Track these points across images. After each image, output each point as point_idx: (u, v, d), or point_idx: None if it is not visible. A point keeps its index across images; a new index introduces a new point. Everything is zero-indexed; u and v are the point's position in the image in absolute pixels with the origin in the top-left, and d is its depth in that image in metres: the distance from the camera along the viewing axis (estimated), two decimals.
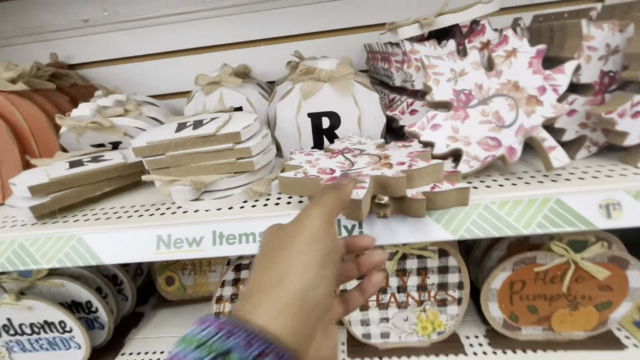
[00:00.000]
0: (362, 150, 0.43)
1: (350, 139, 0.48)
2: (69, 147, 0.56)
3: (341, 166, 0.40)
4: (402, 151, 0.41)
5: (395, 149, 0.42)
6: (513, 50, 0.42)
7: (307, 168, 0.39)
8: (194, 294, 0.73)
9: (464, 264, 0.50)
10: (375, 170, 0.36)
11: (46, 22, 0.75)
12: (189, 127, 0.45)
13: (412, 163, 0.36)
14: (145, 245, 0.41)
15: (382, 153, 0.41)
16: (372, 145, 0.45)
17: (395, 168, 0.36)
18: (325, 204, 0.25)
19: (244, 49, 0.78)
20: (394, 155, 0.40)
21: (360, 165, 0.39)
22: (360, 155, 0.42)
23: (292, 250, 0.22)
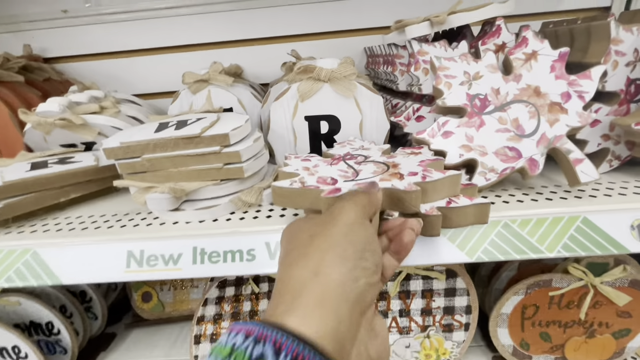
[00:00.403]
0: (366, 156, 0.39)
1: (351, 143, 0.44)
2: (35, 147, 0.50)
3: (344, 175, 0.35)
4: (411, 159, 0.36)
5: (403, 157, 0.37)
6: (533, 53, 0.38)
7: (304, 176, 0.34)
8: (174, 313, 0.67)
9: (472, 286, 0.46)
10: (384, 181, 0.31)
11: (21, 11, 0.69)
12: (171, 127, 0.40)
13: (426, 174, 0.32)
14: (114, 262, 0.35)
15: (390, 161, 0.36)
16: (377, 151, 0.40)
17: (407, 179, 0.31)
18: (357, 202, 0.23)
19: (236, 48, 0.73)
20: (403, 164, 0.35)
21: (365, 175, 0.34)
22: (364, 163, 0.37)
23: (326, 241, 0.20)
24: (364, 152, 0.40)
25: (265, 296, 0.59)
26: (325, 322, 0.17)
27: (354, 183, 0.31)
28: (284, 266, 0.21)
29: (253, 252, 0.34)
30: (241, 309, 0.58)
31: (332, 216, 0.22)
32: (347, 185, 0.31)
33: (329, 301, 0.18)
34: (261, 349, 0.15)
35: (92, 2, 0.69)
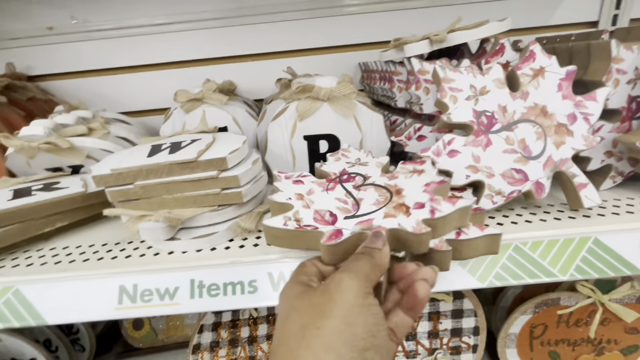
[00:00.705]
0: (364, 176, 0.36)
1: (347, 155, 0.41)
2: (18, 171, 0.48)
3: (343, 208, 0.32)
4: (415, 181, 0.34)
5: (406, 177, 0.35)
6: (540, 69, 0.37)
7: (299, 210, 0.31)
8: (167, 340, 0.63)
9: (480, 307, 0.45)
10: (389, 217, 0.29)
11: (5, 28, 0.67)
12: (164, 150, 0.38)
13: (434, 206, 0.29)
14: (104, 299, 0.32)
15: (392, 184, 0.35)
16: (375, 167, 0.38)
17: (413, 215, 0.29)
18: (359, 272, 0.21)
19: (228, 64, 0.72)
20: (407, 189, 0.33)
21: (367, 208, 0.31)
22: (364, 187, 0.35)
23: (319, 340, 0.18)
24: (362, 168, 0.38)
25: (264, 320, 0.57)
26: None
27: (355, 222, 0.29)
28: (280, 346, 0.19)
29: (255, 284, 0.32)
30: (239, 335, 0.56)
31: (329, 295, 0.20)
32: (348, 224, 0.29)
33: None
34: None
35: (78, 19, 0.67)
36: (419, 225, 0.27)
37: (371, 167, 0.37)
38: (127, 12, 0.67)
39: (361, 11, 0.68)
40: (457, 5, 0.68)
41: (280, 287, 0.32)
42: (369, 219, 0.29)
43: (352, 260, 0.23)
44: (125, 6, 0.66)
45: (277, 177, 0.36)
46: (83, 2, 0.66)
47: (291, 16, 0.68)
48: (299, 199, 0.32)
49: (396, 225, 0.27)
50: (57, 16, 0.66)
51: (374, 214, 0.30)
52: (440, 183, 0.32)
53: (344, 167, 0.38)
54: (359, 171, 0.37)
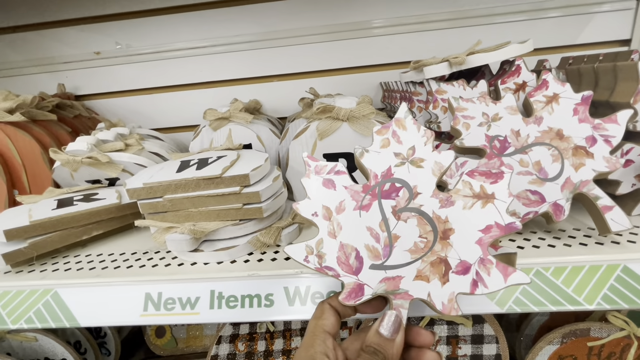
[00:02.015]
0: (412, 190, 0.26)
1: (399, 134, 0.28)
2: (62, 183, 0.52)
3: (373, 249, 0.25)
4: (474, 215, 0.25)
5: (465, 203, 0.26)
6: (554, 96, 0.37)
7: (324, 239, 0.26)
8: (187, 349, 0.65)
9: (502, 333, 0.43)
10: (421, 280, 0.24)
11: (58, 53, 0.75)
12: (192, 166, 0.41)
13: (479, 277, 0.24)
14: (132, 305, 0.34)
15: (443, 215, 0.25)
16: (430, 172, 0.27)
17: (451, 283, 0.24)
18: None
19: (255, 84, 0.76)
20: (458, 230, 0.25)
21: (400, 256, 0.25)
22: (406, 214, 0.26)
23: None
24: (412, 172, 0.27)
25: (280, 335, 0.57)
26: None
27: (381, 278, 0.24)
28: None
29: (271, 297, 0.33)
30: (255, 349, 0.56)
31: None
32: (373, 277, 0.24)
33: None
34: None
35: (122, 44, 0.73)
36: (451, 303, 0.22)
37: (426, 170, 0.27)
38: (165, 38, 0.73)
39: (383, 33, 0.70)
40: (481, 26, 0.68)
41: (296, 302, 0.33)
42: (397, 276, 0.24)
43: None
44: (163, 32, 0.72)
45: (307, 165, 0.29)
46: (127, 29, 0.72)
47: (315, 39, 0.71)
48: (325, 218, 0.27)
49: (425, 297, 0.23)
50: (104, 42, 0.73)
51: (406, 268, 0.24)
52: (508, 229, 0.24)
53: (390, 164, 0.27)
54: (408, 179, 0.27)
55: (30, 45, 0.74)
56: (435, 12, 0.67)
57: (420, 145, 0.27)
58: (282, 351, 0.55)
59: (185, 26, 0.72)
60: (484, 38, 0.69)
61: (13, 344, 0.51)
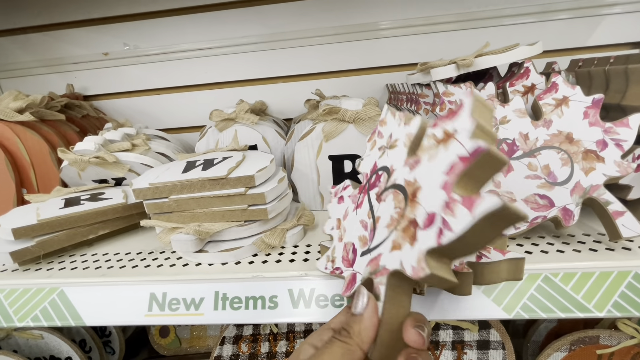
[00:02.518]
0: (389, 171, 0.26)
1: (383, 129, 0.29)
2: (70, 182, 0.53)
3: (363, 238, 0.26)
4: (439, 161, 0.29)
5: (430, 154, 0.28)
6: (564, 99, 0.37)
7: (336, 247, 0.29)
8: (190, 349, 0.65)
9: (509, 339, 0.42)
10: (395, 250, 0.23)
11: (67, 54, 0.75)
12: (198, 166, 0.41)
13: (444, 225, 0.25)
14: (136, 305, 0.34)
15: (412, 178, 0.24)
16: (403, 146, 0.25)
17: (418, 242, 0.21)
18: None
19: (261, 86, 0.76)
20: (424, 185, 0.24)
21: (381, 234, 0.24)
22: (385, 193, 0.25)
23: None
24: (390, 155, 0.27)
25: (283, 337, 0.57)
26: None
27: (367, 261, 0.24)
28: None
29: (275, 300, 0.33)
30: (259, 350, 0.56)
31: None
32: (362, 264, 0.25)
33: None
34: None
35: (130, 45, 0.74)
36: (420, 264, 0.19)
37: (399, 147, 0.25)
38: (172, 39, 0.73)
39: (390, 35, 0.70)
40: (489, 28, 0.68)
41: (300, 304, 0.33)
42: (379, 254, 0.24)
43: (323, 348, 0.21)
44: (170, 33, 0.73)
45: (330, 194, 0.33)
46: (134, 31, 0.73)
47: (321, 40, 0.71)
48: (337, 228, 0.30)
49: (398, 266, 0.21)
50: (112, 43, 0.74)
51: (384, 244, 0.23)
52: (473, 158, 0.18)
53: (375, 159, 0.29)
54: (387, 162, 0.27)
55: (40, 46, 0.75)
56: (443, 13, 0.67)
57: (395, 129, 0.26)
58: (286, 353, 0.55)
59: (192, 27, 0.73)
60: (492, 40, 0.69)
61: (19, 342, 0.51)
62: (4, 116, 0.52)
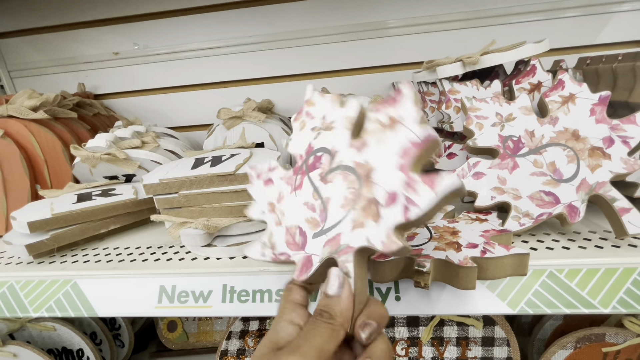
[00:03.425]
0: (331, 153, 0.26)
1: (311, 110, 0.29)
2: (82, 178, 0.54)
3: (312, 219, 0.25)
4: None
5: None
6: (570, 96, 0.37)
7: (273, 231, 0.27)
8: (197, 344, 0.66)
9: (513, 336, 0.42)
10: (358, 228, 0.22)
11: (78, 53, 0.77)
12: (206, 163, 0.42)
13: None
14: (147, 297, 0.35)
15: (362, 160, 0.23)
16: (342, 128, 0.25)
17: (383, 220, 0.21)
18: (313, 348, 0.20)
19: (268, 84, 0.77)
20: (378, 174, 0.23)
21: (335, 214, 0.24)
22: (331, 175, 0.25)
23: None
24: (327, 136, 0.26)
25: None
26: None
27: (324, 242, 0.24)
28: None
29: (282, 293, 0.34)
30: None
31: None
32: (317, 245, 0.24)
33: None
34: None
35: (140, 45, 0.75)
36: (390, 238, 0.20)
37: (338, 129, 0.25)
38: (180, 38, 0.74)
39: (397, 33, 0.70)
40: (496, 26, 0.68)
41: None
42: (337, 234, 0.23)
43: (308, 330, 0.21)
44: (179, 33, 0.74)
45: (250, 177, 0.31)
46: (144, 30, 0.74)
47: (327, 39, 0.72)
48: (271, 212, 0.28)
49: (365, 243, 0.21)
50: (123, 43, 0.75)
51: (342, 223, 0.23)
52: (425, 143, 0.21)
53: (309, 140, 0.27)
54: (325, 144, 0.26)
55: (52, 46, 0.77)
56: (450, 12, 0.67)
57: (329, 111, 0.27)
58: None
59: (200, 27, 0.74)
60: (499, 38, 0.68)
61: (33, 333, 0.52)
62: (18, 114, 0.53)
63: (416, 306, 0.32)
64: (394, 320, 0.45)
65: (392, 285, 0.33)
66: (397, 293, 0.32)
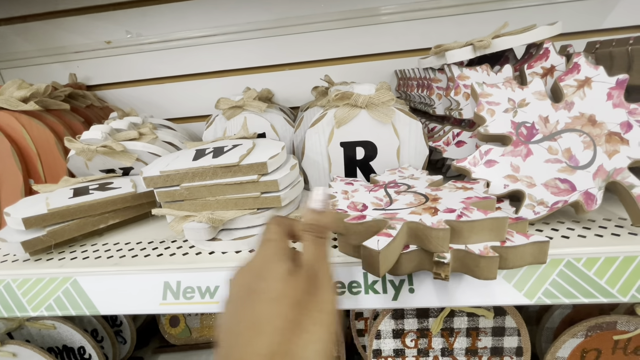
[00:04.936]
0: (410, 186, 0.37)
1: (402, 171, 0.43)
2: (77, 172, 0.52)
3: (377, 203, 0.34)
4: (458, 195, 0.34)
5: (450, 190, 0.35)
6: (586, 80, 0.36)
7: (339, 199, 0.35)
8: (200, 338, 0.65)
9: (524, 326, 0.42)
10: (414, 214, 0.30)
11: (69, 43, 0.74)
12: (208, 154, 0.40)
13: (464, 212, 0.29)
14: (151, 293, 0.34)
15: (433, 193, 0.34)
16: (424, 181, 0.38)
17: (439, 216, 0.29)
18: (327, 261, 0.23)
19: (266, 73, 0.75)
20: (445, 198, 0.33)
21: (398, 205, 0.32)
22: (405, 193, 0.36)
23: (314, 340, 0.19)
24: (411, 181, 0.38)
25: None
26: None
27: (381, 213, 0.31)
28: (227, 316, 0.20)
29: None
30: None
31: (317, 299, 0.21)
32: (374, 214, 0.31)
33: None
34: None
35: (133, 33, 0.72)
36: (440, 222, 0.27)
37: (421, 181, 0.38)
38: (175, 26, 0.71)
39: (398, 19, 0.68)
40: (500, 11, 0.66)
41: None
42: (394, 213, 0.30)
43: (314, 248, 0.23)
44: (173, 21, 0.71)
45: (334, 179, 0.41)
46: (137, 18, 0.71)
47: (328, 26, 0.69)
48: (343, 194, 0.36)
49: (416, 220, 0.28)
50: (115, 31, 0.72)
51: (402, 210, 0.31)
52: (484, 199, 0.31)
53: (396, 178, 0.40)
54: (408, 182, 0.38)
55: (41, 35, 0.74)
56: None
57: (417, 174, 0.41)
58: None
59: (196, 14, 0.71)
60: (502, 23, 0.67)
61: (32, 331, 0.51)
62: (8, 105, 0.51)
63: (430, 298, 0.31)
64: (403, 312, 0.44)
65: (406, 278, 0.32)
66: (411, 285, 0.32)
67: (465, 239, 0.28)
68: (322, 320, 0.20)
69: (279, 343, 0.18)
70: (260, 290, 0.20)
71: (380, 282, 0.32)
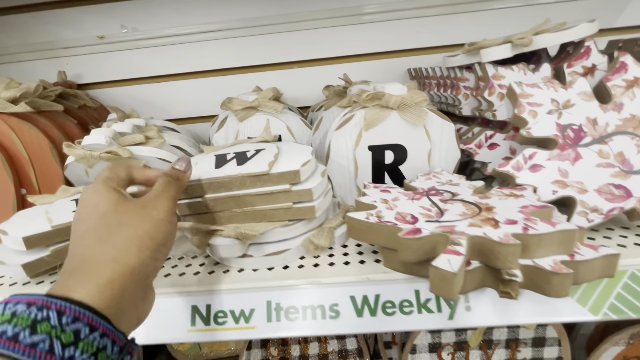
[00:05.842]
0: (453, 194, 0.35)
1: (438, 176, 0.40)
2: (76, 180, 0.47)
3: (426, 214, 0.31)
4: (510, 202, 0.32)
5: (500, 198, 0.33)
6: (635, 80, 0.34)
7: (382, 210, 0.32)
8: (211, 354, 0.61)
9: (565, 335, 0.41)
10: (475, 227, 0.27)
11: (57, 37, 0.68)
12: (230, 161, 0.37)
13: (529, 224, 0.27)
14: (177, 319, 0.30)
15: (483, 202, 0.32)
16: (467, 187, 0.36)
17: (503, 228, 0.27)
18: (170, 197, 0.26)
19: (273, 71, 0.71)
20: (499, 207, 0.31)
21: (451, 217, 0.30)
22: (451, 201, 0.33)
23: (134, 233, 0.23)
24: (452, 187, 0.36)
25: (315, 338, 0.54)
26: (112, 297, 0.20)
27: (437, 225, 0.28)
28: (84, 245, 0.22)
29: (336, 308, 0.30)
30: (289, 353, 0.53)
31: (145, 209, 0.25)
32: (428, 226, 0.28)
33: (120, 281, 0.21)
34: (45, 313, 0.17)
35: (128, 28, 0.67)
36: (507, 236, 0.25)
37: (462, 187, 0.36)
38: (175, 20, 0.67)
39: (412, 15, 0.65)
40: (515, 8, 0.64)
41: (365, 312, 0.29)
42: (452, 225, 0.28)
43: (164, 183, 0.27)
44: (173, 14, 0.66)
45: (366, 185, 0.38)
46: (133, 11, 0.66)
47: (338, 22, 0.66)
48: (383, 203, 0.33)
49: (481, 234, 0.26)
50: (108, 25, 0.67)
51: (458, 222, 0.29)
52: (542, 207, 0.29)
53: (434, 185, 0.37)
54: (449, 189, 0.36)
55: (25, 29, 0.68)
56: None
57: (455, 179, 0.39)
58: (319, 355, 0.52)
59: (197, 8, 0.66)
60: (518, 20, 0.65)
61: None
62: None
63: (490, 317, 0.29)
64: None
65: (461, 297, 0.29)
66: (467, 303, 0.29)
67: (533, 254, 0.26)
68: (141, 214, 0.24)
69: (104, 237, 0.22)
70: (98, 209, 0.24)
71: (433, 299, 0.29)
